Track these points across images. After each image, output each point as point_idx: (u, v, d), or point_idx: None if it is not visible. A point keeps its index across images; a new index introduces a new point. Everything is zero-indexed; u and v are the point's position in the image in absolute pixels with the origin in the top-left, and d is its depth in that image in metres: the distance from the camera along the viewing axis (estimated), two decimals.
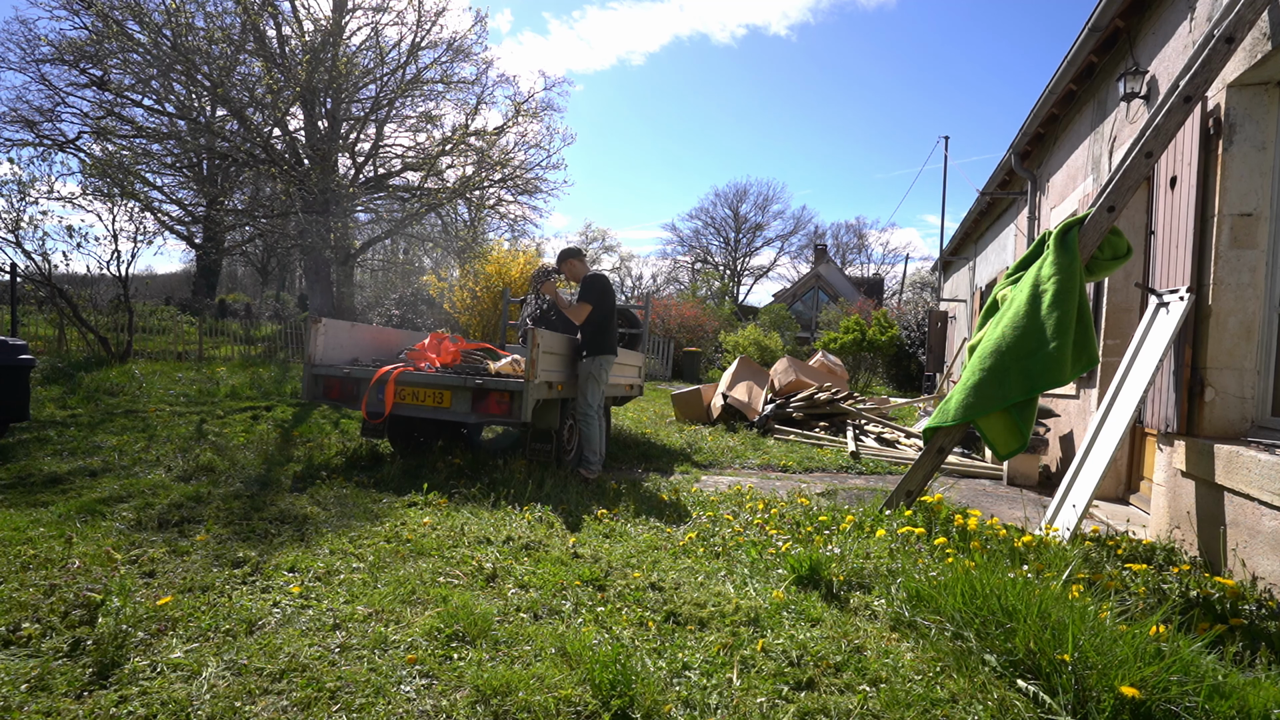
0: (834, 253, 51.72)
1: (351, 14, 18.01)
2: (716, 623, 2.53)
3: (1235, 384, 3.68)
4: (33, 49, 17.39)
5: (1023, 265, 4.29)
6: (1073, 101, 6.64)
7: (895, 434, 8.70)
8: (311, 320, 5.53)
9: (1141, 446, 5.35)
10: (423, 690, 2.00)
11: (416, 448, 6.09)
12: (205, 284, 27.66)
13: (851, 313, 25.85)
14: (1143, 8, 5.04)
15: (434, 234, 23.14)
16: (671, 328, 21.73)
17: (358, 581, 2.80)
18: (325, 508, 3.93)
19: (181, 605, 2.48)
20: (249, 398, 9.02)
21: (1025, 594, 2.28)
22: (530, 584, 2.86)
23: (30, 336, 11.33)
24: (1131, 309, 5.50)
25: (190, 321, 17.26)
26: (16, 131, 17.33)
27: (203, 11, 15.49)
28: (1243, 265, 3.65)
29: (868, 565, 3.01)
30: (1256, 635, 2.47)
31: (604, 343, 5.55)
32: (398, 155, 20.25)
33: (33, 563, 2.82)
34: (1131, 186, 3.84)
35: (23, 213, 10.08)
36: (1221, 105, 3.73)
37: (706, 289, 41.97)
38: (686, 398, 10.17)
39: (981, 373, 3.84)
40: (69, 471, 4.58)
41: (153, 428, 6.40)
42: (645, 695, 1.96)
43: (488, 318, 14.55)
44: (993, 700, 1.96)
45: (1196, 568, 3.38)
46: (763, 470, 6.63)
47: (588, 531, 3.76)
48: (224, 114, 17.54)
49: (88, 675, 2.00)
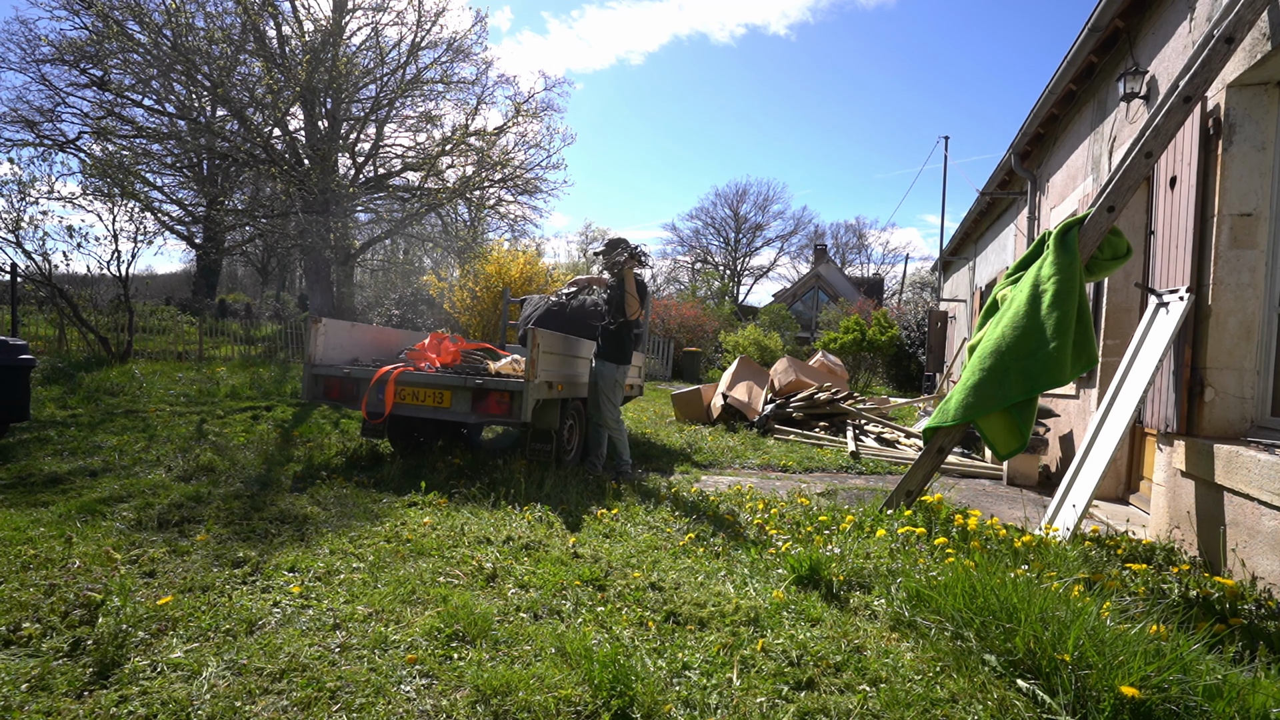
0: (834, 253, 51.71)
1: (351, 14, 18.04)
2: (716, 623, 2.54)
3: (1235, 384, 3.68)
4: (33, 49, 17.41)
5: (1023, 265, 4.29)
6: (1073, 101, 6.64)
7: (895, 434, 8.71)
8: (311, 320, 5.53)
9: (1141, 446, 5.35)
10: (423, 690, 2.00)
11: (416, 448, 6.10)
12: (205, 284, 27.64)
13: (851, 313, 25.85)
14: (1143, 8, 5.04)
15: (434, 234, 23.16)
16: (671, 328, 21.73)
17: (358, 581, 2.80)
18: (325, 508, 3.94)
19: (181, 605, 2.48)
20: (249, 398, 9.02)
21: (1025, 594, 2.28)
22: (530, 584, 2.86)
23: (30, 336, 11.34)
24: (1131, 309, 5.51)
25: (190, 321, 17.26)
26: (17, 131, 17.34)
27: (203, 11, 15.51)
28: (1242, 265, 3.65)
29: (868, 565, 3.01)
30: (1256, 635, 2.47)
31: (629, 351, 5.54)
32: (398, 155, 20.27)
33: (33, 562, 2.83)
34: (1131, 186, 3.84)
35: (23, 213, 10.10)
36: (1221, 105, 3.73)
37: (706, 289, 41.95)
38: (686, 398, 10.17)
39: (981, 373, 3.84)
40: (69, 471, 4.59)
41: (153, 428, 6.40)
42: (645, 695, 1.96)
43: (488, 318, 14.55)
44: (993, 700, 1.96)
45: (1196, 568, 3.38)
46: (763, 470, 6.63)
47: (588, 531, 3.76)
48: (224, 114, 17.56)
49: (88, 675, 2.00)
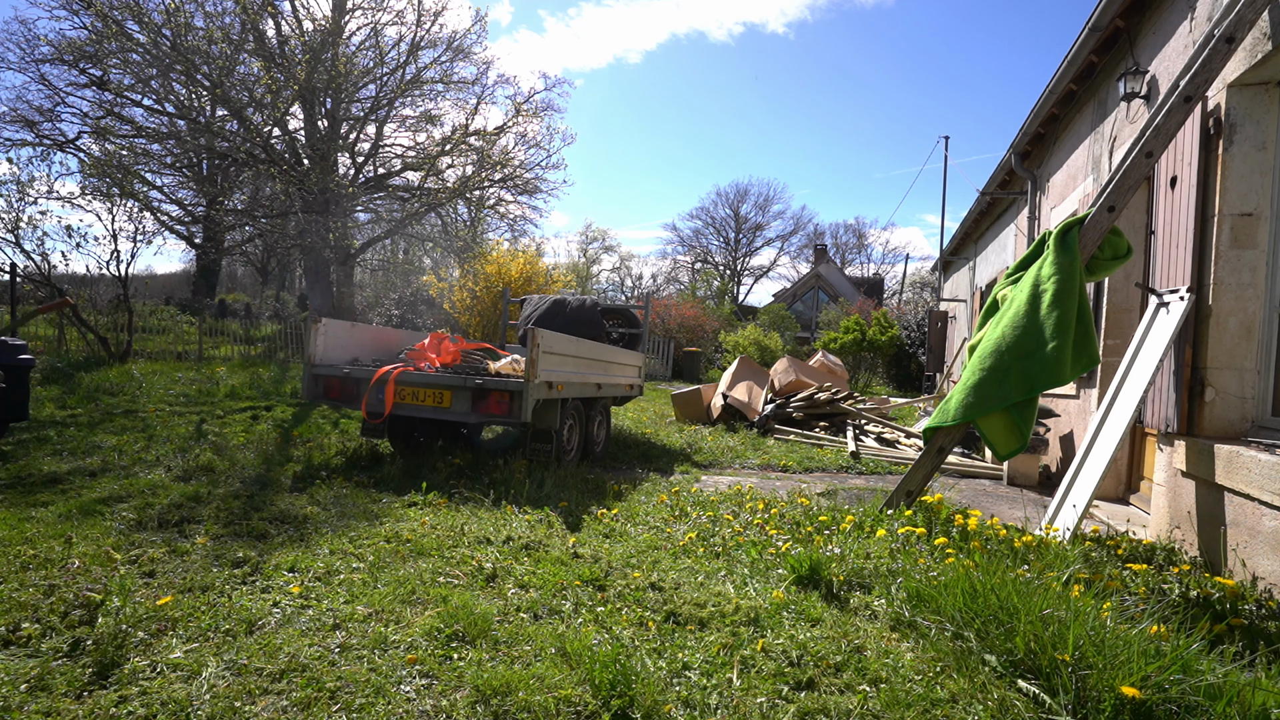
0: (834, 253, 51.68)
1: (351, 14, 18.03)
2: (716, 623, 2.53)
3: (1235, 384, 3.67)
4: (32, 49, 17.42)
5: (1023, 265, 4.29)
6: (1073, 101, 6.63)
7: (895, 434, 8.70)
8: (311, 320, 5.53)
9: (1141, 446, 5.35)
10: (423, 690, 2.00)
11: (416, 448, 6.09)
12: (205, 284, 27.64)
13: (851, 313, 25.85)
14: (1143, 8, 5.04)
15: (434, 234, 23.14)
16: (671, 328, 21.74)
17: (358, 581, 2.79)
18: (325, 508, 3.93)
19: (181, 605, 2.48)
20: (249, 398, 9.02)
21: (1025, 594, 2.28)
22: (530, 584, 2.86)
23: (30, 336, 11.33)
24: (1131, 309, 5.50)
25: (190, 321, 17.26)
26: (16, 131, 17.36)
27: (202, 11, 15.50)
28: (1243, 265, 3.65)
29: (868, 565, 3.01)
30: (1256, 635, 2.47)
31: None
32: (398, 155, 20.26)
33: (33, 563, 2.82)
34: (1132, 186, 3.84)
35: (22, 213, 10.11)
36: (1222, 105, 3.73)
37: (706, 289, 41.95)
38: (686, 398, 10.17)
39: (981, 373, 3.84)
40: (68, 471, 4.58)
41: (152, 428, 6.40)
42: (645, 695, 1.96)
43: (488, 318, 14.55)
44: (993, 700, 1.96)
45: (1196, 568, 3.38)
46: (763, 470, 6.63)
47: (588, 531, 3.76)
48: (224, 114, 17.55)
49: (88, 675, 2.00)
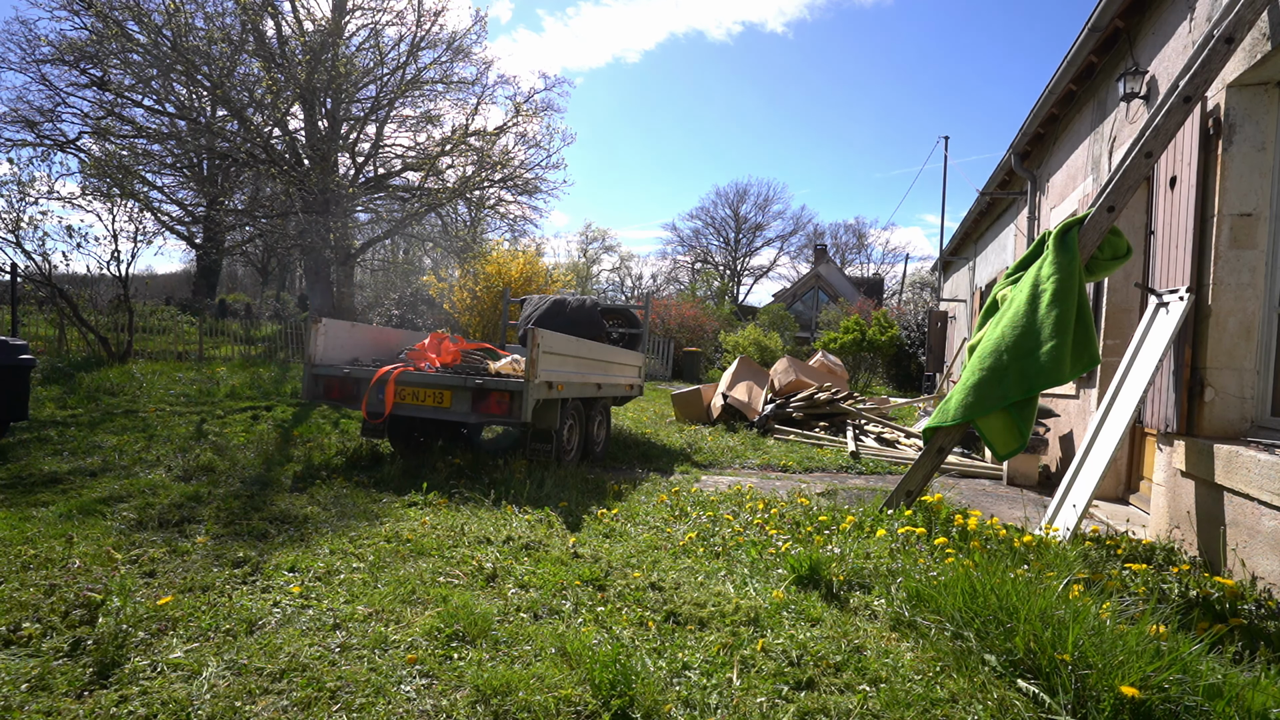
0: (834, 253, 51.67)
1: (351, 14, 18.04)
2: (716, 623, 2.53)
3: (1235, 384, 3.68)
4: (33, 49, 17.41)
5: (1022, 265, 4.29)
6: (1072, 101, 6.64)
7: (895, 434, 8.70)
8: (312, 320, 5.53)
9: (1141, 446, 5.35)
10: (423, 690, 2.00)
11: (416, 448, 6.09)
12: (205, 284, 27.64)
13: (851, 313, 25.84)
14: (1143, 8, 5.04)
15: (434, 234, 23.16)
16: (671, 328, 21.74)
17: (358, 581, 2.80)
18: (325, 508, 3.93)
19: (181, 605, 2.48)
20: (249, 398, 9.02)
21: (1025, 594, 2.28)
22: (530, 584, 2.86)
23: (30, 336, 11.33)
24: (1131, 309, 5.51)
25: (190, 321, 17.26)
26: (17, 131, 17.34)
27: (202, 12, 15.51)
28: (1242, 265, 3.65)
29: (868, 565, 3.01)
30: (1256, 635, 2.47)
31: None
32: (398, 155, 20.27)
33: (33, 562, 2.83)
34: (1131, 186, 3.84)
35: (22, 213, 10.10)
36: (1221, 105, 3.73)
37: (706, 289, 41.95)
38: (686, 398, 10.17)
39: (981, 372, 3.84)
40: (69, 471, 4.58)
41: (152, 428, 6.40)
42: (645, 695, 1.96)
43: (488, 318, 14.56)
44: (993, 700, 1.96)
45: (1196, 568, 3.38)
46: (763, 470, 6.63)
47: (588, 531, 3.76)
48: (224, 114, 17.56)
49: (88, 675, 2.00)
